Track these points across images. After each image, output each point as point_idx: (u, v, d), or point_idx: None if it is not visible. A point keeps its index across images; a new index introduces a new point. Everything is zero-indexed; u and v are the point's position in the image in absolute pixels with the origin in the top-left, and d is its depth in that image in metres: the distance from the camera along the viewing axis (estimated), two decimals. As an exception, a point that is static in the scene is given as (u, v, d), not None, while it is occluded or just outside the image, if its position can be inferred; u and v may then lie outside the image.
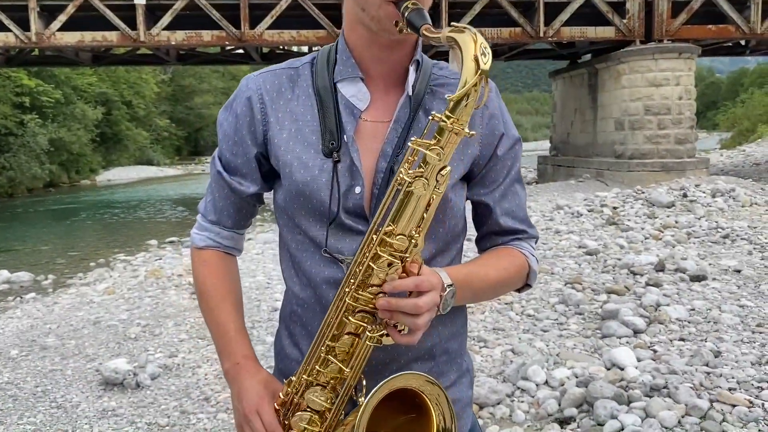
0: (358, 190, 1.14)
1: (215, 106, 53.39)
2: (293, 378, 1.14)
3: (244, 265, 8.04)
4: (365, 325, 1.06)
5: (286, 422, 1.14)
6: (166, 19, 17.14)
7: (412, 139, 1.04)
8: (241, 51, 21.51)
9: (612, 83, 18.34)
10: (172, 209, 20.13)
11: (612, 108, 18.43)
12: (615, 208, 11.14)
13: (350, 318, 1.06)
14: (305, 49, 21.31)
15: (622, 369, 3.89)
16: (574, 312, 5.38)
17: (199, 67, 45.09)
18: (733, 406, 3.27)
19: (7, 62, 21.95)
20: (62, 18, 17.03)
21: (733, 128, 41.18)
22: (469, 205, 1.28)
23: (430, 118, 1.02)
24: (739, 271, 6.33)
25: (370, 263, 1.04)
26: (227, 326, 1.24)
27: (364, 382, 1.09)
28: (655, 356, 4.17)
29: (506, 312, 5.52)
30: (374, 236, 1.05)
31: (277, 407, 1.15)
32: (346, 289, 1.06)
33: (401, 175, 1.03)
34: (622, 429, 3.15)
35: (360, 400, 1.06)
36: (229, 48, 20.83)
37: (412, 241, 1.03)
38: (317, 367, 1.10)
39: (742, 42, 21.21)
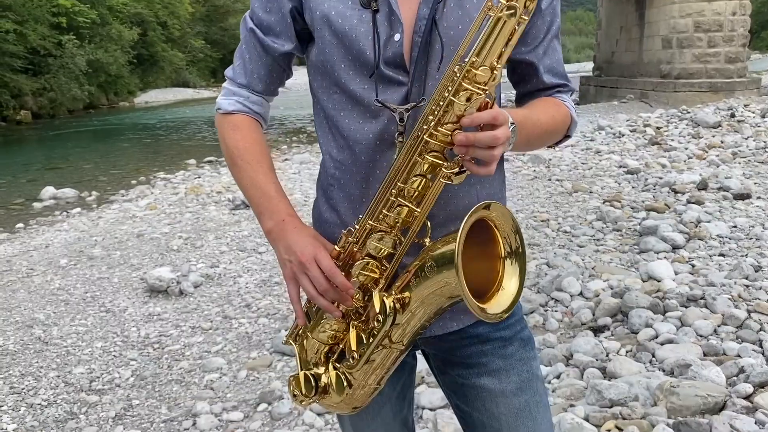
0: (397, 37, 1.10)
1: (250, 27, 52.61)
2: (356, 226, 1.13)
3: (281, 184, 8.07)
4: (440, 162, 1.03)
5: (343, 273, 1.13)
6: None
7: None
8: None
9: (661, -2, 17.46)
10: (209, 131, 20.24)
11: (660, 25, 17.60)
12: (659, 128, 10.84)
13: (425, 156, 1.03)
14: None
15: (659, 281, 3.87)
16: (611, 228, 5.33)
17: (232, -14, 44.24)
18: (772, 317, 3.25)
19: (43, -19, 21.87)
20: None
21: (789, 48, 38.98)
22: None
23: None
24: (785, 190, 6.16)
25: (452, 98, 1.00)
26: (267, 186, 1.21)
27: (429, 225, 1.07)
28: (693, 270, 4.13)
29: (542, 228, 5.50)
30: (457, 69, 1.01)
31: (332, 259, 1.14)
32: (424, 127, 1.03)
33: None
34: (657, 337, 3.17)
35: (426, 241, 1.06)
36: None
37: (494, 72, 1.00)
38: (384, 211, 1.08)
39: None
